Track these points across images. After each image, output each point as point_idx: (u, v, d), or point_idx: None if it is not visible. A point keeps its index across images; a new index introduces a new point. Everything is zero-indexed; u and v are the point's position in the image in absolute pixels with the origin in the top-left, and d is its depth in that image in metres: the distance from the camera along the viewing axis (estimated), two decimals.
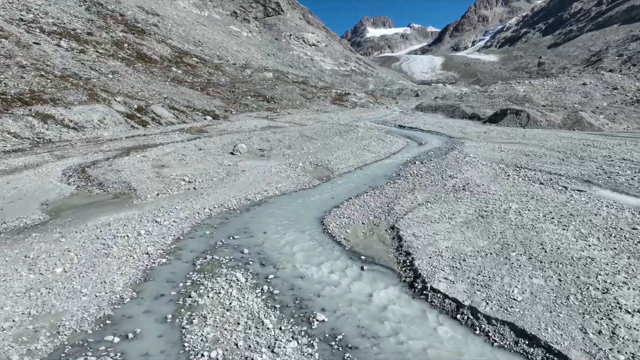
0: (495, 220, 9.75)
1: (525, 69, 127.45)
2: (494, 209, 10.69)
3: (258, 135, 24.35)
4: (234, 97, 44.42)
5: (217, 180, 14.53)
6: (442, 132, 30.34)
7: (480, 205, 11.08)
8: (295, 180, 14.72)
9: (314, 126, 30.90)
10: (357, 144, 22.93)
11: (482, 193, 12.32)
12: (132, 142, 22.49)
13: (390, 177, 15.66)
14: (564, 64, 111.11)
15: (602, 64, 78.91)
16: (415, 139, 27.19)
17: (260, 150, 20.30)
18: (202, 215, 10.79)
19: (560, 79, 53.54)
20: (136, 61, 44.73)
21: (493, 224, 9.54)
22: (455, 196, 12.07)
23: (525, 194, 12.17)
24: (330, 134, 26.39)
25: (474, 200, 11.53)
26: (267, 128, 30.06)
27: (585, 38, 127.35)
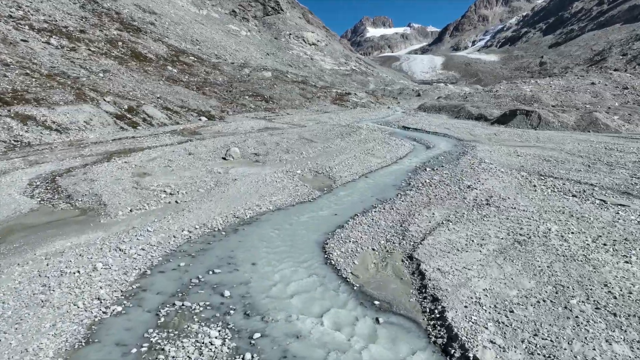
0: (537, 249, 7.84)
1: (527, 69, 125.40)
2: (531, 231, 8.79)
3: (254, 138, 22.43)
4: (231, 97, 42.46)
5: (203, 191, 12.62)
6: (450, 134, 28.41)
7: (513, 226, 9.17)
8: (292, 192, 12.81)
9: (313, 128, 28.98)
10: (360, 148, 21.02)
11: (511, 209, 10.41)
12: (117, 146, 20.58)
13: (399, 187, 13.75)
14: (565, 63, 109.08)
15: (607, 63, 76.97)
16: (421, 141, 25.27)
17: (255, 155, 18.38)
18: (179, 239, 8.87)
19: (567, 78, 51.63)
20: (130, 60, 42.78)
21: (535, 253, 7.63)
22: (480, 213, 10.16)
23: (561, 211, 10.26)
24: (331, 136, 24.48)
25: (504, 219, 9.62)
26: (264, 129, 28.14)
27: (587, 37, 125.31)
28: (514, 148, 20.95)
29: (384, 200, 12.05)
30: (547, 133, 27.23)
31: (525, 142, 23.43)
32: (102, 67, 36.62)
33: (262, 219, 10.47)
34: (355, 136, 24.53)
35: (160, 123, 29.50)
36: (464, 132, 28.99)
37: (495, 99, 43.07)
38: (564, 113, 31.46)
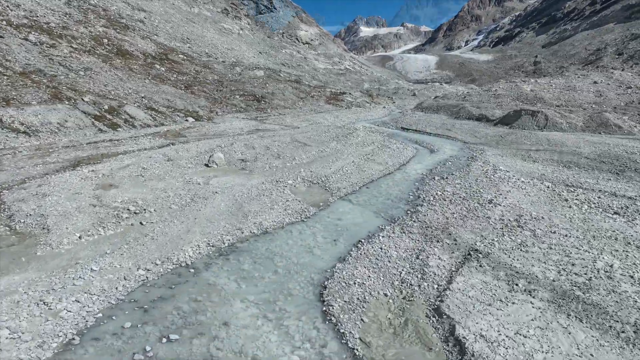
0: (606, 299, 5.79)
1: (521, 68, 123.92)
2: (587, 268, 6.74)
3: (242, 141, 20.22)
4: (221, 97, 40.12)
5: (176, 208, 10.45)
6: (452, 135, 26.42)
7: (561, 259, 7.12)
8: (282, 209, 10.68)
9: (307, 129, 26.82)
10: (358, 152, 18.93)
11: (550, 234, 8.36)
12: (90, 150, 18.29)
13: (408, 201, 11.67)
14: (560, 63, 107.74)
15: (602, 62, 75.53)
16: (424, 144, 23.23)
17: (241, 162, 16.19)
18: (131, 282, 6.70)
19: (567, 77, 49.99)
20: (115, 58, 40.29)
21: (607, 307, 5.57)
22: (514, 240, 8.10)
23: (612, 236, 8.23)
24: (327, 138, 22.35)
25: (547, 250, 7.57)
26: (254, 131, 25.93)
27: (580, 37, 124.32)
28: (526, 152, 18.99)
29: (392, 219, 9.96)
30: (555, 135, 25.30)
31: (536, 145, 21.49)
32: (84, 65, 34.15)
33: (244, 248, 8.32)
34: (352, 139, 22.43)
35: (144, 124, 27.16)
36: (468, 133, 27.00)
37: (495, 99, 41.19)
38: (571, 113, 29.59)
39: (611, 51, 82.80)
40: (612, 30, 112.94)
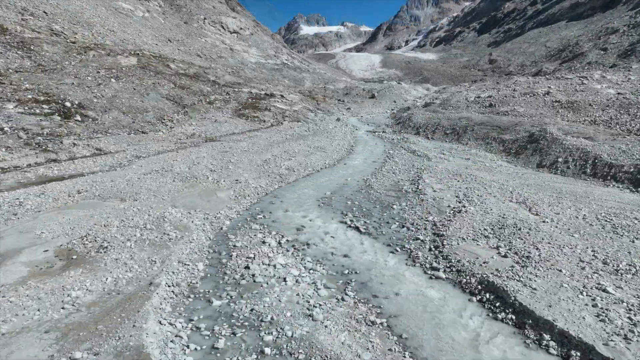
0: None
1: (477, 67, 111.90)
2: None
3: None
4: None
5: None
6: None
7: None
8: None
9: None
10: None
11: None
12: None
13: None
14: (520, 60, 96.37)
15: (587, 59, 62.79)
16: None
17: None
18: None
19: (563, 78, 33.39)
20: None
21: None
22: None
23: None
24: None
25: None
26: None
27: (533, 35, 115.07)
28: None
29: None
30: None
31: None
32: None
33: None
34: None
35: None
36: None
37: (494, 113, 23.35)
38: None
39: (588, 47, 70.93)
40: (567, 27, 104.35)
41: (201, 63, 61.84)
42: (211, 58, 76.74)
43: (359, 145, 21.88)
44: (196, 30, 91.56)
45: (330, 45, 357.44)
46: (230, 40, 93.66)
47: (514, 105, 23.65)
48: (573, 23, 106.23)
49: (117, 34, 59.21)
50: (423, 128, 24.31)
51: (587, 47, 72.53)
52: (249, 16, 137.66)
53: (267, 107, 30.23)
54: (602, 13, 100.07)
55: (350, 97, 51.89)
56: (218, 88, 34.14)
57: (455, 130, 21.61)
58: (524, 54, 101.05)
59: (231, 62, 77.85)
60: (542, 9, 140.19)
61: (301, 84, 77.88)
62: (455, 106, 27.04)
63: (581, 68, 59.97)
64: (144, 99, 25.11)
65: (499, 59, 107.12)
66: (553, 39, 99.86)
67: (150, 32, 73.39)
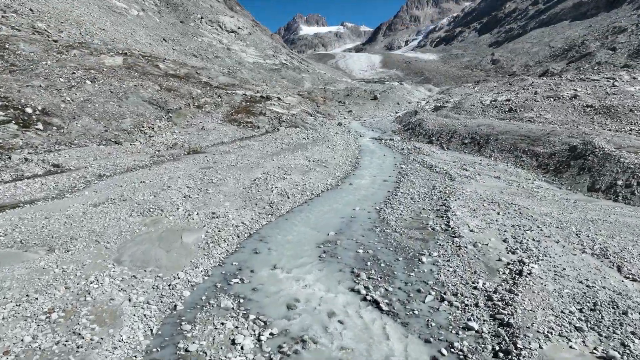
0: None
1: (479, 67, 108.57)
2: None
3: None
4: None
5: None
6: None
7: None
8: None
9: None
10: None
11: None
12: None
13: None
14: (524, 60, 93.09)
15: (595, 59, 59.67)
16: None
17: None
18: None
19: (589, 80, 30.33)
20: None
21: None
22: None
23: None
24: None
25: None
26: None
27: (535, 35, 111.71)
28: None
29: None
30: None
31: None
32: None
33: None
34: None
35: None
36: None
37: (517, 119, 20.26)
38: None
39: (595, 46, 67.78)
40: (570, 27, 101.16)
41: (195, 63, 58.84)
42: (207, 58, 73.86)
43: (364, 156, 18.84)
44: (193, 29, 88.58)
45: (330, 45, 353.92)
46: (227, 40, 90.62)
47: (539, 110, 20.58)
48: (577, 23, 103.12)
49: (109, 32, 56.25)
50: (436, 136, 21.15)
51: (594, 47, 69.36)
52: (248, 16, 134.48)
53: (262, 111, 27.11)
54: (606, 12, 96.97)
55: (351, 99, 48.75)
56: (209, 90, 31.01)
57: (475, 140, 18.49)
58: (527, 54, 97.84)
59: (228, 62, 74.87)
60: (544, 9, 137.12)
61: (300, 85, 74.74)
62: (470, 111, 23.93)
63: (590, 68, 56.91)
64: (121, 103, 21.97)
65: (502, 59, 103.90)
66: (557, 38, 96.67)
67: (144, 31, 70.36)
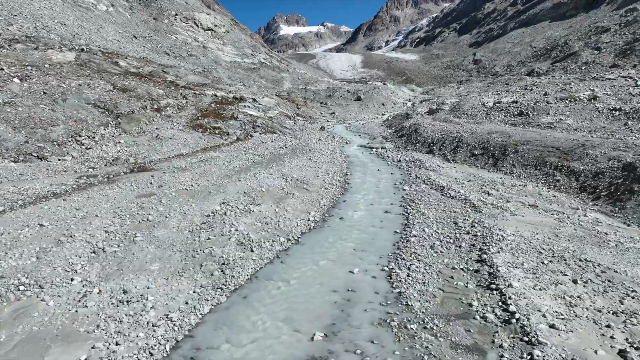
0: None
1: (461, 67, 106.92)
2: None
3: None
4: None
5: None
6: None
7: None
8: None
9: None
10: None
11: None
12: None
13: None
14: (506, 61, 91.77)
15: (582, 59, 58.02)
16: None
17: None
18: None
19: (604, 79, 27.78)
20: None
21: None
22: None
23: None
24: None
25: None
26: None
27: (516, 35, 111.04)
28: None
29: None
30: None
31: None
32: None
33: None
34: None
35: None
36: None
37: (543, 117, 17.14)
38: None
39: (579, 46, 66.42)
40: (550, 28, 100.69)
41: (165, 61, 54.11)
42: (180, 56, 69.01)
43: (354, 171, 15.26)
44: (166, 26, 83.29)
45: (311, 45, 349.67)
46: (203, 38, 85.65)
47: (556, 114, 17.48)
48: (557, 23, 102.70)
49: (70, 28, 51.03)
50: (438, 145, 17.61)
51: (577, 47, 68.05)
52: (227, 14, 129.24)
53: (233, 114, 23.20)
54: (585, 13, 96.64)
55: (333, 100, 45.17)
56: (174, 90, 26.80)
57: (487, 151, 15.03)
58: (509, 54, 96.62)
59: (203, 61, 70.20)
60: (523, 10, 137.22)
61: (280, 85, 70.72)
62: (471, 114, 20.66)
63: (577, 68, 55.18)
64: (56, 106, 17.66)
65: (484, 59, 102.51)
66: (538, 39, 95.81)
67: (113, 27, 64.91)
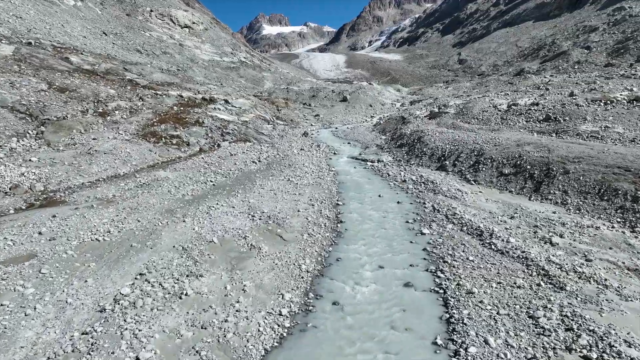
0: None
1: (446, 67, 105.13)
2: None
3: None
4: None
5: None
6: None
7: None
8: None
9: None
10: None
11: None
12: None
13: None
14: (492, 60, 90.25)
15: (573, 58, 56.32)
16: None
17: None
18: None
19: (635, 77, 25.41)
20: None
21: None
22: None
23: None
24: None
25: None
26: None
27: (500, 35, 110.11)
28: None
29: None
30: None
31: None
32: None
33: None
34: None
35: None
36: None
37: (583, 124, 14.21)
38: None
39: (567, 45, 64.96)
40: (535, 27, 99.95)
41: (136, 59, 49.74)
42: (153, 54, 64.42)
43: (348, 199, 11.80)
44: (140, 23, 78.44)
45: (294, 45, 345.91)
46: (180, 35, 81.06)
47: (595, 119, 14.41)
48: (541, 23, 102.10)
49: (27, 21, 46.35)
50: (451, 159, 13.99)
51: (566, 46, 66.57)
52: (207, 13, 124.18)
53: (199, 119, 19.58)
54: (569, 13, 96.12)
55: (317, 100, 41.83)
56: (131, 90, 22.92)
57: (522, 169, 11.37)
58: (494, 54, 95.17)
59: (178, 59, 65.82)
60: (506, 10, 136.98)
61: (260, 85, 66.94)
62: (483, 119, 17.37)
63: (570, 67, 53.46)
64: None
65: (469, 58, 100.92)
66: (523, 38, 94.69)
67: (80, 23, 60.01)
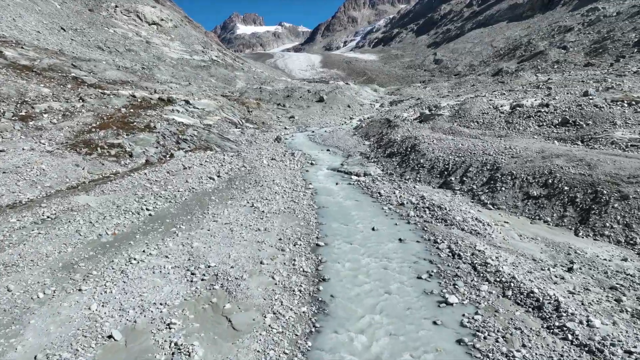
0: None
1: (422, 67, 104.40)
2: None
3: None
4: None
5: None
6: None
7: None
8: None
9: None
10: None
11: None
12: None
13: None
14: (467, 60, 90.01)
15: (551, 58, 55.86)
16: None
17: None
18: None
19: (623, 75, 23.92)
20: None
21: None
22: None
23: None
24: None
25: None
26: None
27: (475, 35, 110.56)
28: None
29: None
30: None
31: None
32: None
33: None
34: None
35: None
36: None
37: (615, 131, 12.10)
38: None
39: (544, 45, 64.82)
40: (509, 28, 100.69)
41: (97, 56, 45.36)
42: (116, 51, 59.74)
43: (332, 235, 8.84)
44: (104, 19, 73.25)
45: (268, 45, 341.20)
46: (147, 32, 76.26)
47: (627, 124, 12.24)
48: (514, 23, 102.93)
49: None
50: (457, 173, 11.36)
51: (543, 46, 66.40)
52: (179, 11, 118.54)
53: (151, 123, 16.35)
54: (542, 14, 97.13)
55: (292, 101, 38.90)
56: (71, 89, 19.30)
57: (556, 191, 8.68)
58: (470, 54, 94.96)
59: (143, 57, 61.29)
60: (479, 11, 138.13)
61: (232, 85, 63.32)
62: (485, 123, 15.00)
63: (549, 67, 52.86)
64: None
65: (445, 59, 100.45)
66: (498, 38, 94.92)
67: (36, 17, 54.74)
